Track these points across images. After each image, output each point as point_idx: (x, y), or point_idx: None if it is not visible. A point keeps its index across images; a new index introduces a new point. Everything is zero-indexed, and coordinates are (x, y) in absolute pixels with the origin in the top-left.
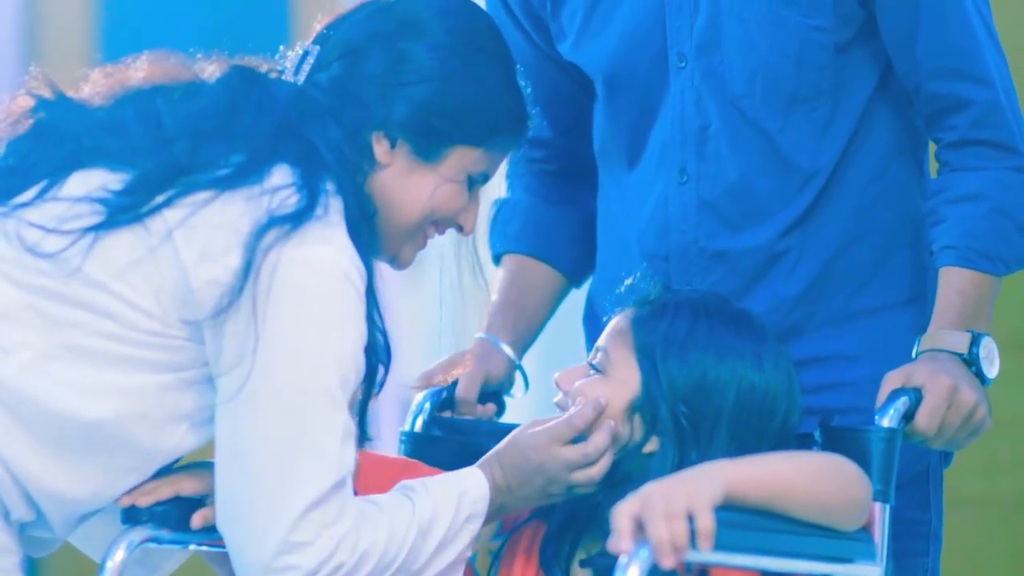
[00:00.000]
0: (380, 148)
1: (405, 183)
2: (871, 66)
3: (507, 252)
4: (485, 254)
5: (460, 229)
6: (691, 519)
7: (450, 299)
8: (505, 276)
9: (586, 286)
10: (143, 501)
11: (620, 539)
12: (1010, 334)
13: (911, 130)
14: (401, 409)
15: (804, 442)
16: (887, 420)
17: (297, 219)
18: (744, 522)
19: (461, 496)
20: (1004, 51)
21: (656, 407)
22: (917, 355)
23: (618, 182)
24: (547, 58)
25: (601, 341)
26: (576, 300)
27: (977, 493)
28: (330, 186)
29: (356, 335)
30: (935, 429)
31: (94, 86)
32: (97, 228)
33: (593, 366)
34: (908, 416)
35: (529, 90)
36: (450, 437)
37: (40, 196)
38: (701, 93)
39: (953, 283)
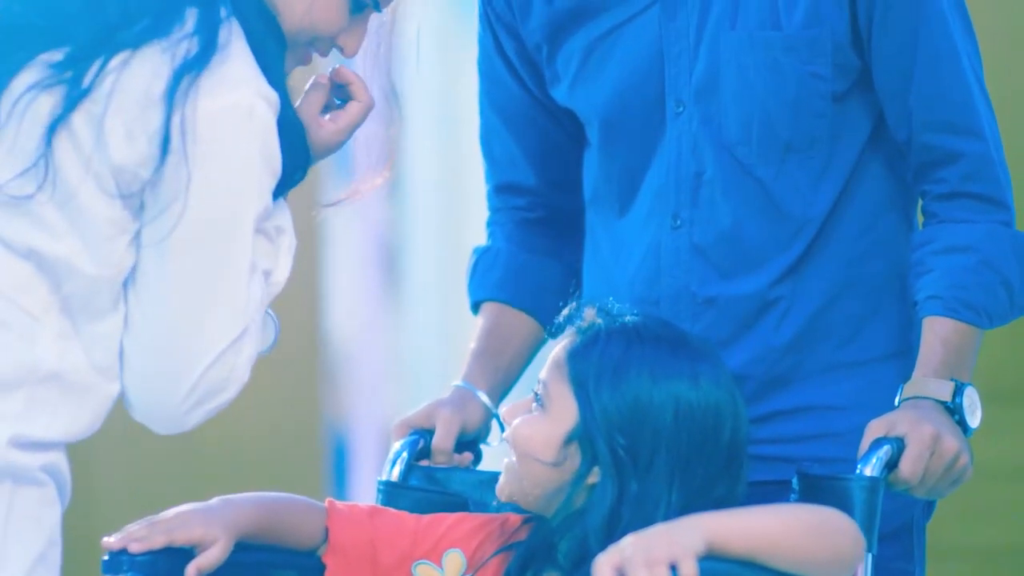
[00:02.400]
0: None
1: None
2: (865, 117)
3: (486, 300)
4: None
5: (342, 51)
6: (674, 569)
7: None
8: (484, 324)
9: None
10: (135, 548)
11: None
12: (988, 385)
13: (902, 183)
14: (380, 456)
15: (781, 490)
16: (869, 469)
17: (199, 63)
18: (727, 571)
19: None
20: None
21: (593, 438)
22: (900, 402)
23: (609, 227)
24: (538, 105)
25: (542, 374)
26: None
27: (957, 543)
28: (224, 11)
29: (271, 172)
30: (919, 477)
31: None
32: (54, 124)
33: (537, 399)
34: (891, 465)
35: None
36: (428, 487)
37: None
38: (698, 139)
39: (938, 332)
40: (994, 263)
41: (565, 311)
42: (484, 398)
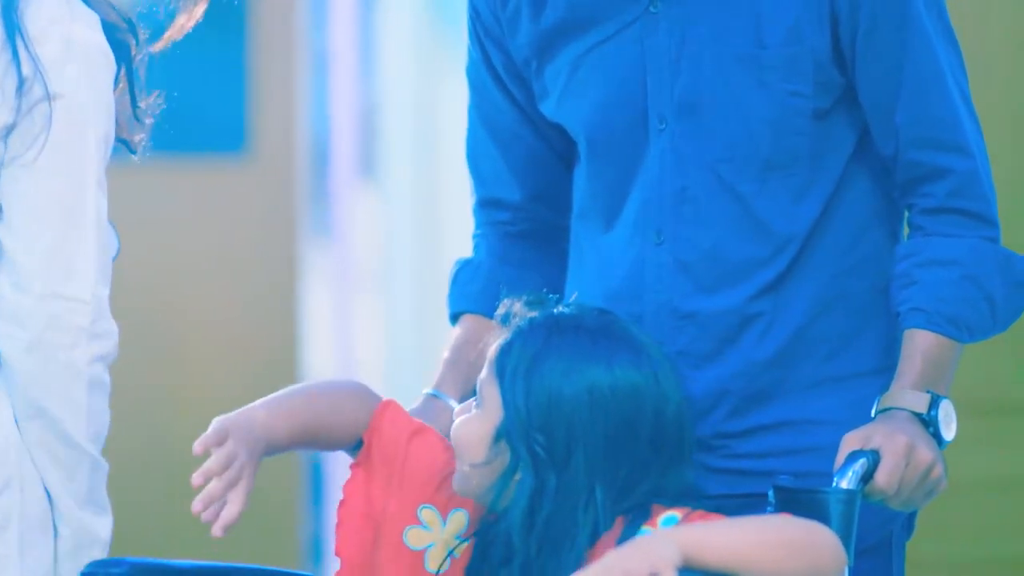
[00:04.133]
0: None
1: None
2: (849, 133)
3: (464, 312)
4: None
5: None
6: None
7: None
8: (459, 334)
9: None
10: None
11: None
12: (965, 398)
13: (887, 198)
14: None
15: (764, 503)
16: (845, 482)
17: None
18: None
19: None
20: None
21: (512, 434)
22: (876, 414)
23: (595, 242)
24: (526, 120)
25: (482, 371)
26: None
27: (933, 558)
28: None
29: (109, 90)
30: (894, 488)
31: None
32: None
33: (476, 399)
34: (866, 477)
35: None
36: None
37: None
38: (680, 155)
39: (918, 345)
40: (978, 278)
41: (501, 308)
42: (455, 406)
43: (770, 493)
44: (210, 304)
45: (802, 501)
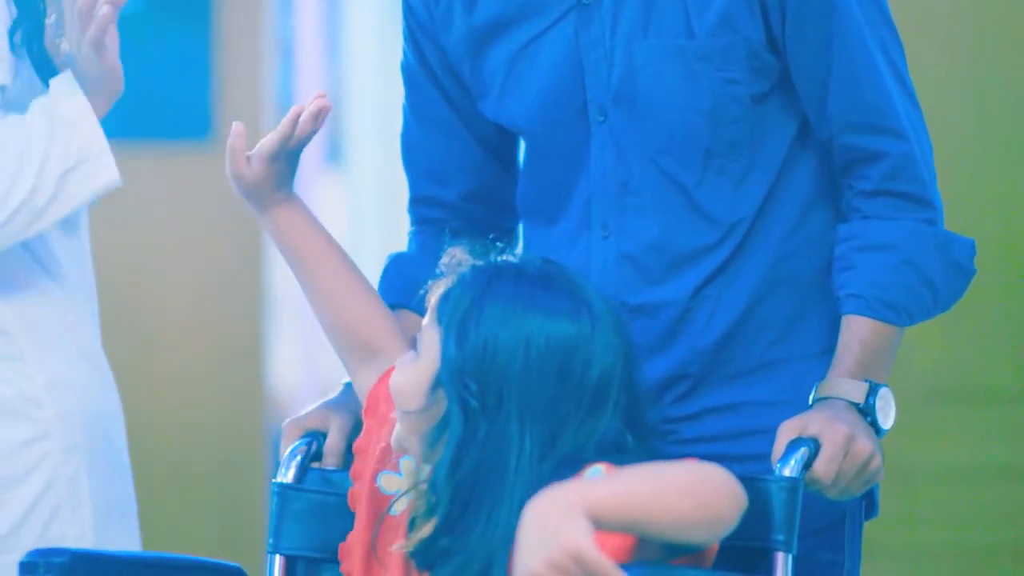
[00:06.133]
0: None
1: None
2: (790, 116)
3: (391, 305)
4: None
5: None
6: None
7: None
8: None
9: None
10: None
11: None
12: (928, 386)
13: (831, 180)
14: None
15: None
16: (788, 470)
17: None
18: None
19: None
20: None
21: (447, 381)
22: (813, 402)
23: (541, 237)
24: (460, 119)
25: (424, 319)
26: None
27: (898, 544)
28: None
29: None
30: (832, 478)
31: None
32: None
33: (415, 348)
34: (806, 466)
35: None
36: (324, 489)
37: None
38: (621, 148)
39: (855, 331)
40: (916, 262)
41: (445, 258)
42: None
43: None
44: (175, 290)
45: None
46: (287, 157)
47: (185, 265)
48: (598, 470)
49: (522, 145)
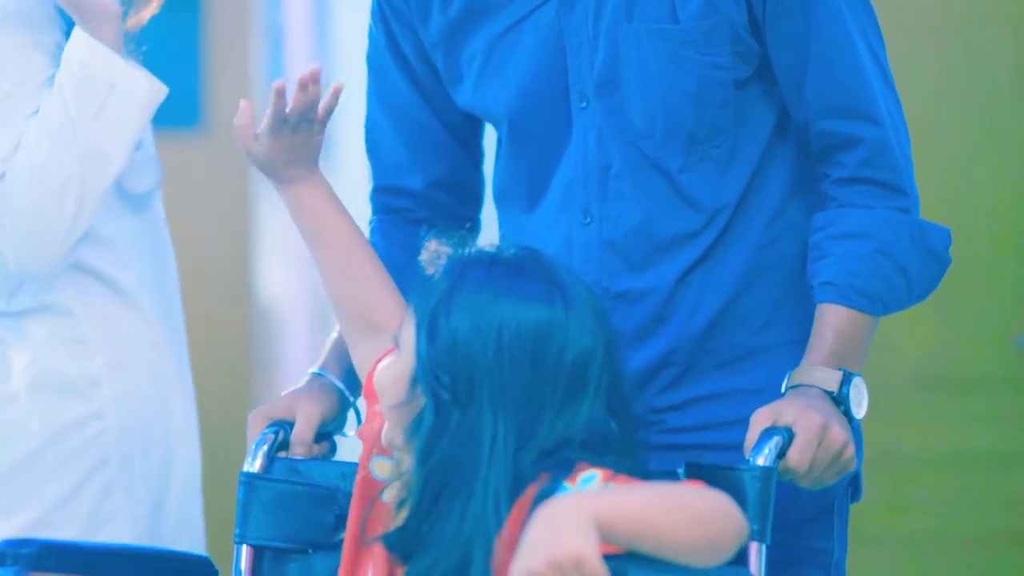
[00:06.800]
0: None
1: None
2: (771, 103)
3: None
4: None
5: None
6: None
7: None
8: None
9: None
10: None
11: None
12: (917, 373)
13: (811, 168)
14: None
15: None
16: (762, 459)
17: None
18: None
19: None
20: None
21: (420, 375)
22: (786, 390)
23: (517, 224)
24: (428, 107)
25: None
26: None
27: (885, 532)
28: None
29: None
30: (806, 467)
31: None
32: None
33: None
34: (780, 455)
35: None
36: (292, 479)
37: None
38: (603, 133)
39: (829, 320)
40: (890, 250)
41: (424, 253)
42: (342, 387)
43: (680, 472)
44: None
45: (718, 478)
46: (295, 132)
47: (175, 252)
48: (594, 476)
49: (491, 131)
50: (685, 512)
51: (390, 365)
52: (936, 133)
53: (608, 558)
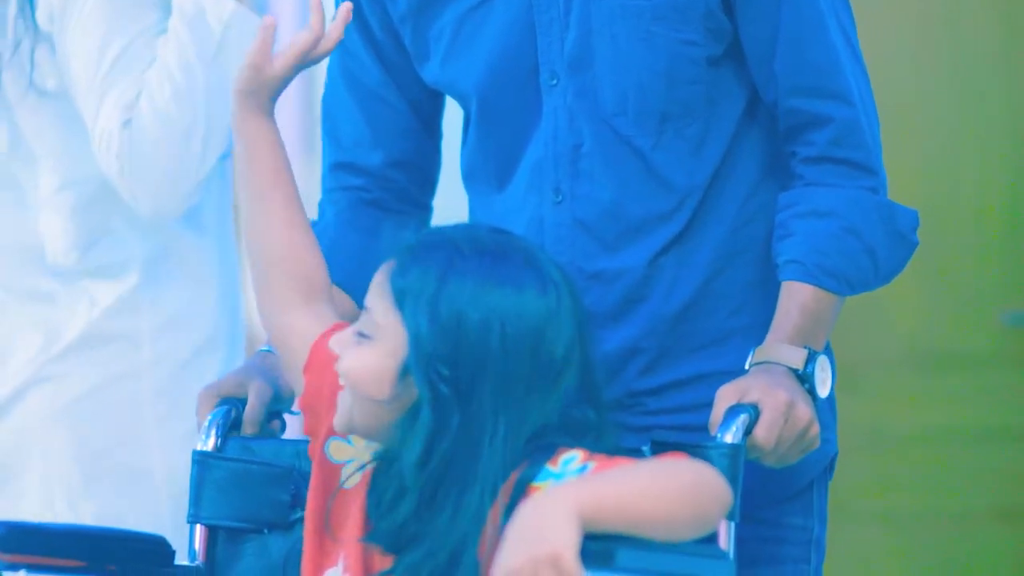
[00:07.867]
0: None
1: None
2: (743, 84)
3: None
4: None
5: None
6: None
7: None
8: None
9: None
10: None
11: None
12: (905, 352)
13: (781, 146)
14: None
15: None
16: (730, 436)
17: None
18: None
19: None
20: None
21: (418, 368)
22: (751, 366)
23: (486, 203)
24: (392, 84)
25: (367, 300)
26: None
27: (871, 509)
28: None
29: None
30: (772, 444)
31: None
32: None
33: (361, 332)
34: (747, 432)
35: None
36: (245, 457)
37: None
38: (573, 111)
39: (795, 297)
40: (857, 230)
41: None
42: None
43: (646, 450)
44: None
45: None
46: (298, 69)
47: None
48: (574, 456)
49: (450, 108)
50: (674, 492)
51: (362, 354)
52: (923, 110)
53: (595, 538)
